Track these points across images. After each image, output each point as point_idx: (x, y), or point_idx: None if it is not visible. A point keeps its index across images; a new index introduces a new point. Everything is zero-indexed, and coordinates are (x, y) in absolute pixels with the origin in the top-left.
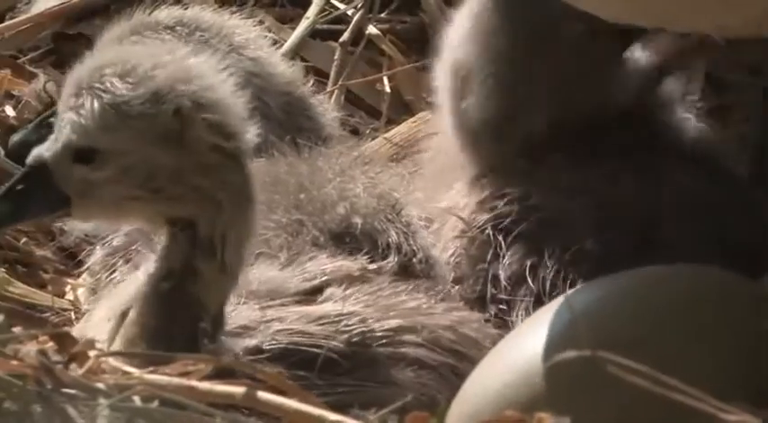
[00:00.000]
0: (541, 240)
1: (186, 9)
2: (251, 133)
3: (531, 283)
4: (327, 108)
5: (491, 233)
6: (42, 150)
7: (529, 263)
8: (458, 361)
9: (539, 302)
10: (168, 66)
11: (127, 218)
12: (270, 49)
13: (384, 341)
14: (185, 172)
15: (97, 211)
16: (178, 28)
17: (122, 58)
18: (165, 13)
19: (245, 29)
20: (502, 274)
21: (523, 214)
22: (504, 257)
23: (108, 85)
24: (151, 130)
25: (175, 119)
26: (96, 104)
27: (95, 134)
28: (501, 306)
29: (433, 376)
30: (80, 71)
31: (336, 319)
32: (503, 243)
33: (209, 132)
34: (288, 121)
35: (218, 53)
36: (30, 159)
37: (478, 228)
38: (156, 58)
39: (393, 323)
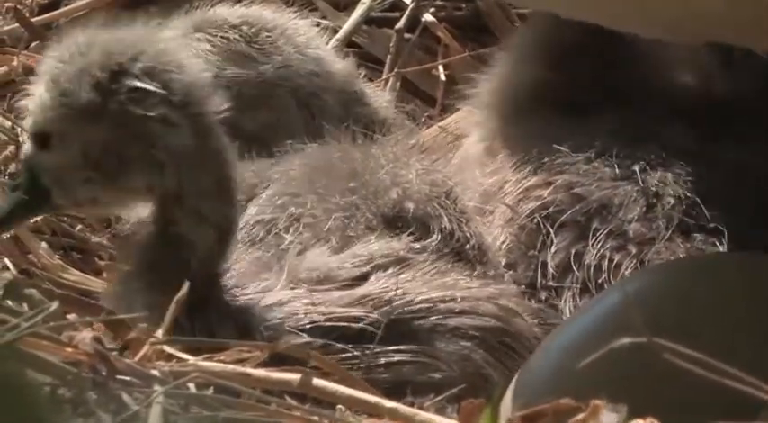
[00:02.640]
0: (586, 228)
1: (247, 7)
2: (210, 101)
3: (576, 271)
4: (382, 96)
5: (539, 221)
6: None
7: (574, 250)
8: (500, 329)
9: (585, 289)
10: (100, 43)
11: (100, 206)
12: (327, 46)
13: (424, 314)
14: (116, 144)
15: (73, 201)
16: (244, 27)
17: (66, 42)
18: (228, 12)
19: (305, 28)
20: (550, 262)
21: (569, 202)
22: (551, 245)
23: (49, 67)
24: (76, 106)
25: (95, 91)
26: (41, 87)
27: (39, 117)
28: (550, 293)
29: (476, 346)
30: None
31: (377, 295)
32: (551, 231)
33: (130, 102)
34: (346, 115)
35: (285, 54)
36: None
37: (527, 216)
38: (95, 37)
39: (433, 295)
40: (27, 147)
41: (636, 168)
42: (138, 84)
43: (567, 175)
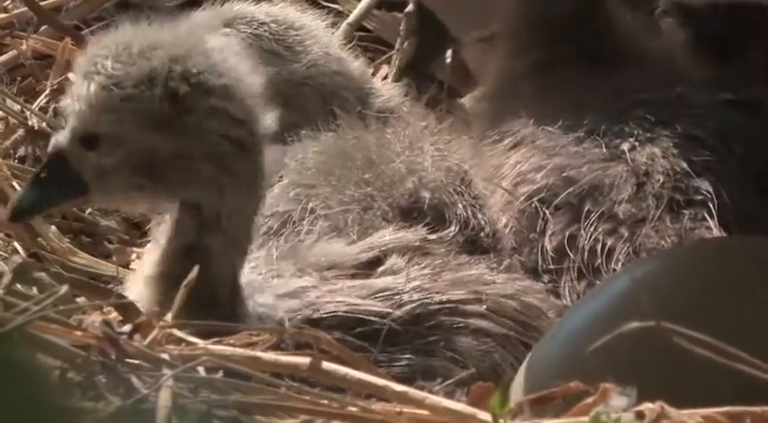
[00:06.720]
0: (579, 210)
1: (271, 5)
2: (266, 119)
3: (571, 255)
4: (393, 88)
5: (537, 205)
6: (59, 138)
7: (568, 233)
8: (523, 330)
9: (580, 273)
10: (167, 46)
11: (138, 206)
12: (342, 47)
13: (446, 311)
14: (186, 158)
15: (112, 198)
16: (273, 25)
17: (118, 39)
18: (255, 8)
19: (325, 30)
20: (548, 246)
21: (561, 185)
22: (548, 229)
23: (100, 67)
24: (145, 114)
25: (170, 103)
26: (91, 88)
27: (93, 118)
28: (551, 276)
29: (496, 344)
30: (82, 58)
31: (397, 290)
32: (547, 214)
33: (212, 119)
34: (363, 108)
35: (313, 53)
36: (50, 147)
37: (524, 200)
38: (154, 37)
39: (455, 293)
40: (62, 139)
41: (624, 147)
42: (218, 103)
43: (558, 158)
